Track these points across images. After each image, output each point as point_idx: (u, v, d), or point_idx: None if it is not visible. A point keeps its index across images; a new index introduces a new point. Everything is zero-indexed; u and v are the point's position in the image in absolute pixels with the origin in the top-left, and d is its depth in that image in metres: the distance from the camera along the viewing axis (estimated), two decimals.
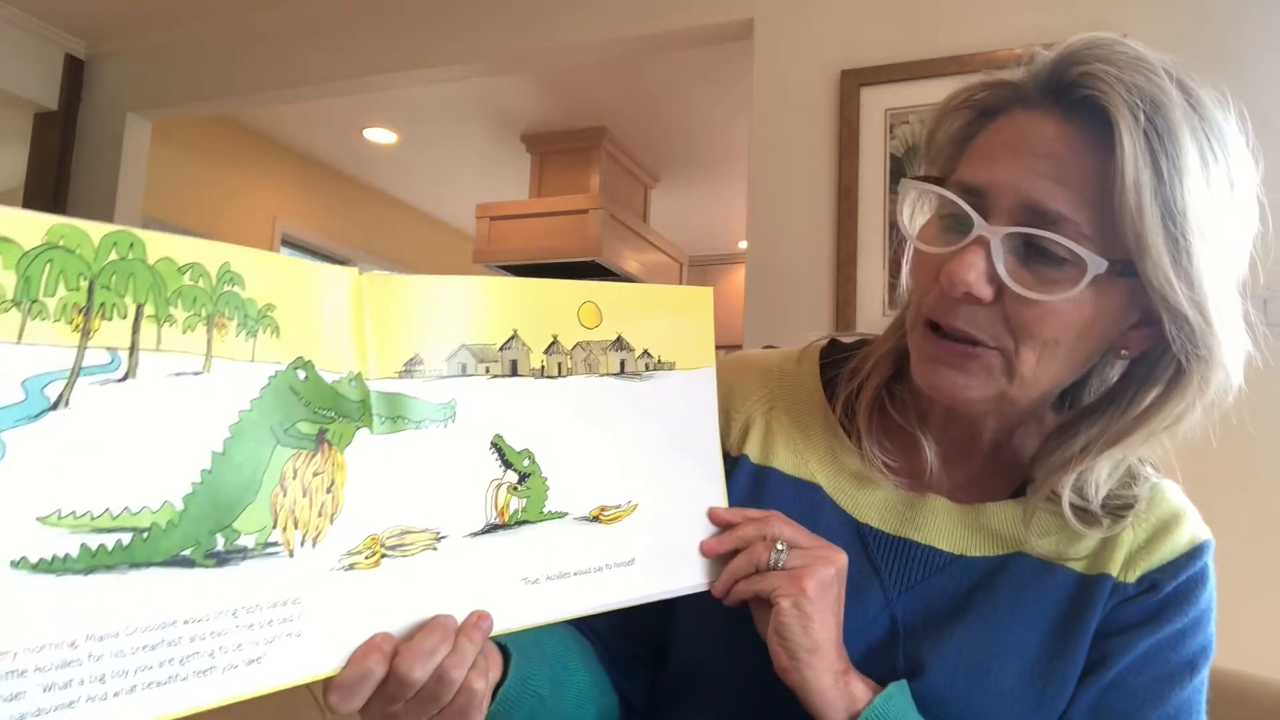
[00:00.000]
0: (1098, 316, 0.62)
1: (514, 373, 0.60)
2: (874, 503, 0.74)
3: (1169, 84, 0.59)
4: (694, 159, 4.75)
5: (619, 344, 0.65)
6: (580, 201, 4.27)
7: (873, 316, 2.39)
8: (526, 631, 0.66)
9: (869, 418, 0.74)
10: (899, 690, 0.65)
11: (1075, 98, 0.61)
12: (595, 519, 0.62)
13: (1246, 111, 0.64)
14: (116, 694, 0.43)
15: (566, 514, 0.61)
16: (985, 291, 0.61)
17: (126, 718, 0.43)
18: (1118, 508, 0.69)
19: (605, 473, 0.63)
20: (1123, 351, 0.67)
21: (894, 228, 2.46)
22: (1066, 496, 0.68)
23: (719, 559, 0.67)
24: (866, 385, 0.75)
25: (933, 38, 2.42)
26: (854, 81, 2.50)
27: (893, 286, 2.39)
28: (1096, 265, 0.59)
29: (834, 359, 0.81)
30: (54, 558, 0.41)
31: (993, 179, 0.62)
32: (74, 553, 0.41)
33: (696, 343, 0.69)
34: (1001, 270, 0.61)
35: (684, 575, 0.66)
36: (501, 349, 0.59)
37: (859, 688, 0.64)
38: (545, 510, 0.60)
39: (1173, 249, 0.57)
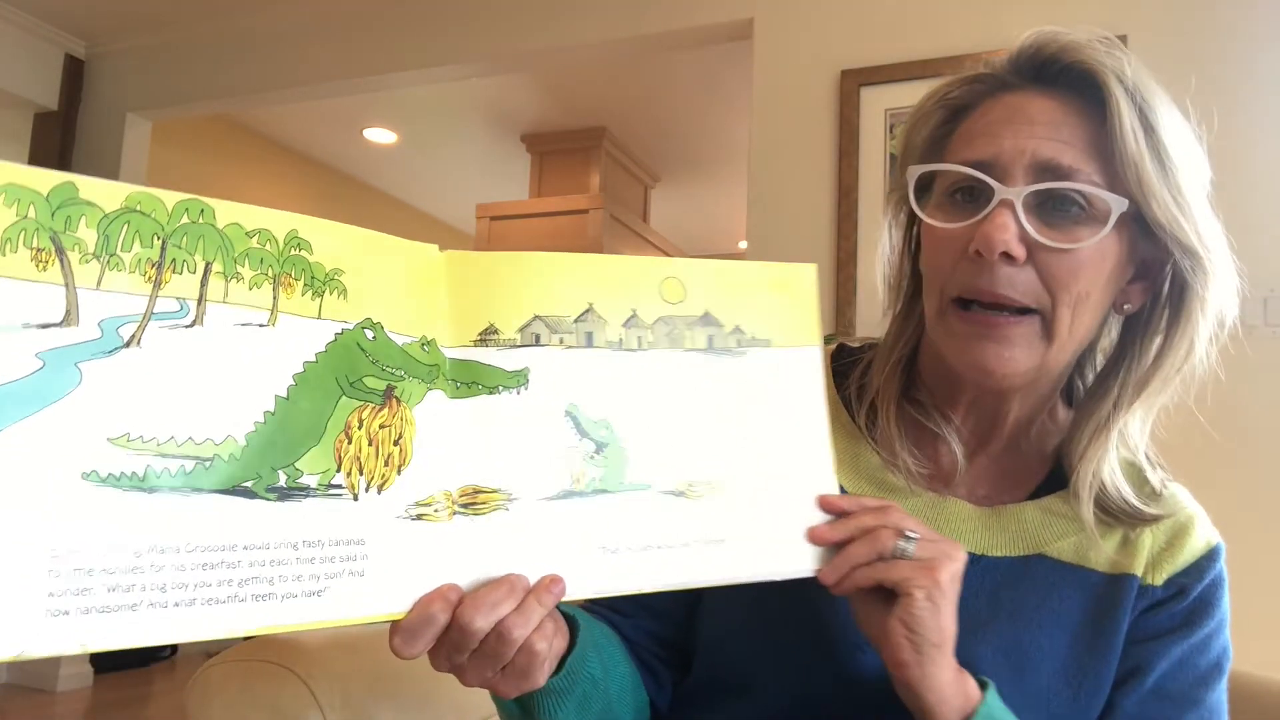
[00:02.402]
0: (1116, 265, 0.66)
1: (589, 344, 0.60)
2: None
3: (1121, 54, 0.65)
4: (694, 159, 4.75)
5: (706, 319, 0.64)
6: (580, 201, 4.27)
7: (873, 317, 2.39)
8: (583, 616, 0.66)
9: (897, 426, 0.74)
10: (993, 687, 0.64)
11: (1055, 70, 0.66)
12: (682, 494, 0.61)
13: (1245, 108, 0.70)
14: (177, 604, 0.46)
15: (650, 486, 0.60)
16: (1020, 250, 0.63)
17: (186, 628, 0.46)
18: (1155, 484, 0.72)
19: (693, 448, 0.62)
20: (1125, 307, 0.70)
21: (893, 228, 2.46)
22: (1110, 474, 0.70)
23: (827, 548, 0.63)
24: (885, 397, 0.75)
25: (933, 38, 2.42)
26: (854, 81, 2.50)
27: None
28: (1119, 205, 0.63)
29: (843, 363, 0.81)
30: (121, 474, 0.45)
31: (999, 149, 0.65)
32: (140, 472, 0.46)
33: (798, 320, 0.67)
34: (1029, 228, 0.63)
35: (785, 560, 0.63)
36: (576, 321, 0.60)
37: (971, 685, 0.62)
38: (626, 481, 0.60)
39: (1171, 190, 0.63)
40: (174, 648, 4.17)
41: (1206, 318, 0.67)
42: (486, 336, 0.58)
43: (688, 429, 0.62)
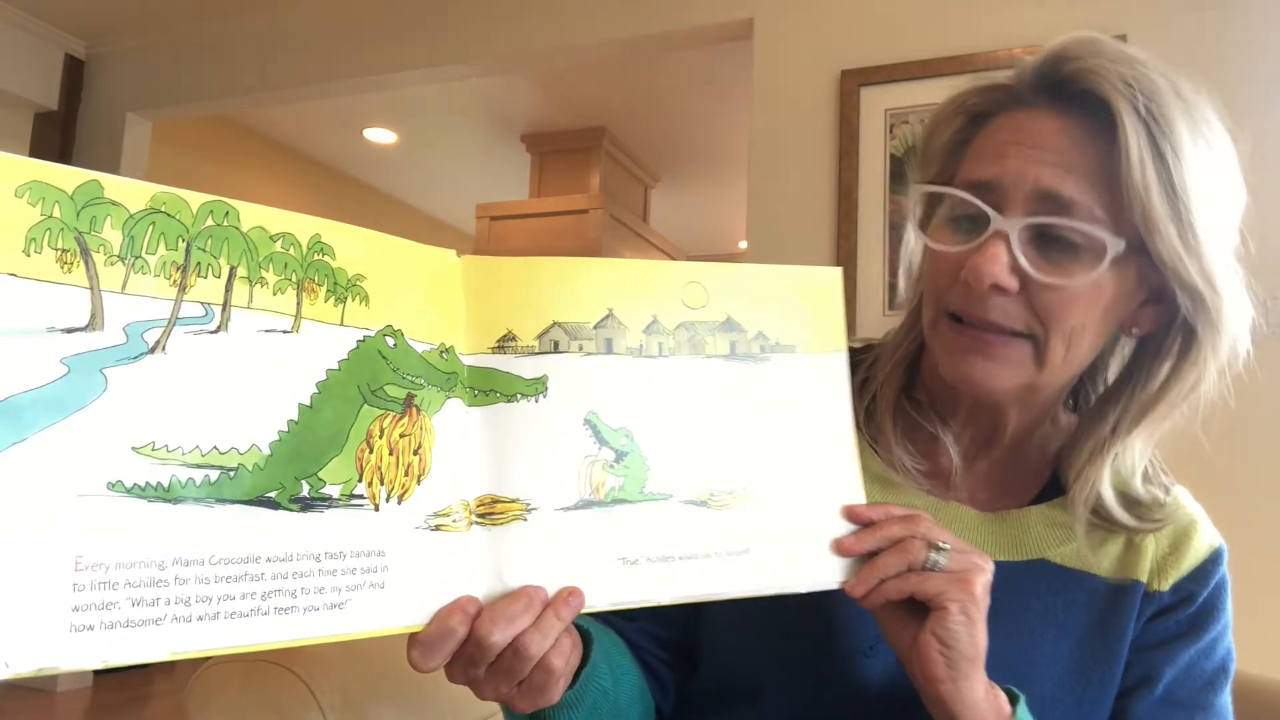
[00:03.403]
0: (1116, 297, 0.64)
1: (609, 351, 0.60)
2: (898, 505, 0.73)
3: (1156, 74, 0.62)
4: (694, 159, 4.75)
5: (729, 325, 0.63)
6: (580, 201, 4.27)
7: (873, 317, 2.39)
8: (595, 627, 0.65)
9: (893, 424, 0.74)
10: (1024, 700, 0.63)
11: (1071, 91, 0.63)
12: (704, 504, 0.60)
13: (1246, 108, 0.67)
14: (200, 618, 0.45)
15: (671, 496, 0.59)
16: (1011, 283, 0.62)
17: (209, 641, 0.46)
18: (1150, 504, 0.71)
19: (716, 456, 0.61)
20: (1133, 330, 0.69)
21: (895, 227, 2.47)
22: (1108, 493, 0.69)
23: (854, 559, 0.62)
24: (884, 393, 0.75)
25: (933, 38, 2.42)
26: (854, 81, 2.50)
27: (893, 286, 2.39)
28: (1115, 245, 0.61)
29: None
30: (146, 484, 0.45)
31: (1002, 172, 0.64)
32: (164, 482, 0.45)
33: (823, 326, 0.65)
34: (1023, 261, 0.62)
35: (810, 572, 0.61)
36: (595, 327, 0.59)
37: (1002, 697, 0.61)
38: (646, 490, 0.59)
39: (1179, 225, 0.60)
40: None
41: (1217, 355, 0.65)
42: (505, 343, 0.57)
43: (710, 437, 0.61)
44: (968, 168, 0.68)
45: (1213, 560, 0.71)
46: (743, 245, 5.86)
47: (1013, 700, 0.62)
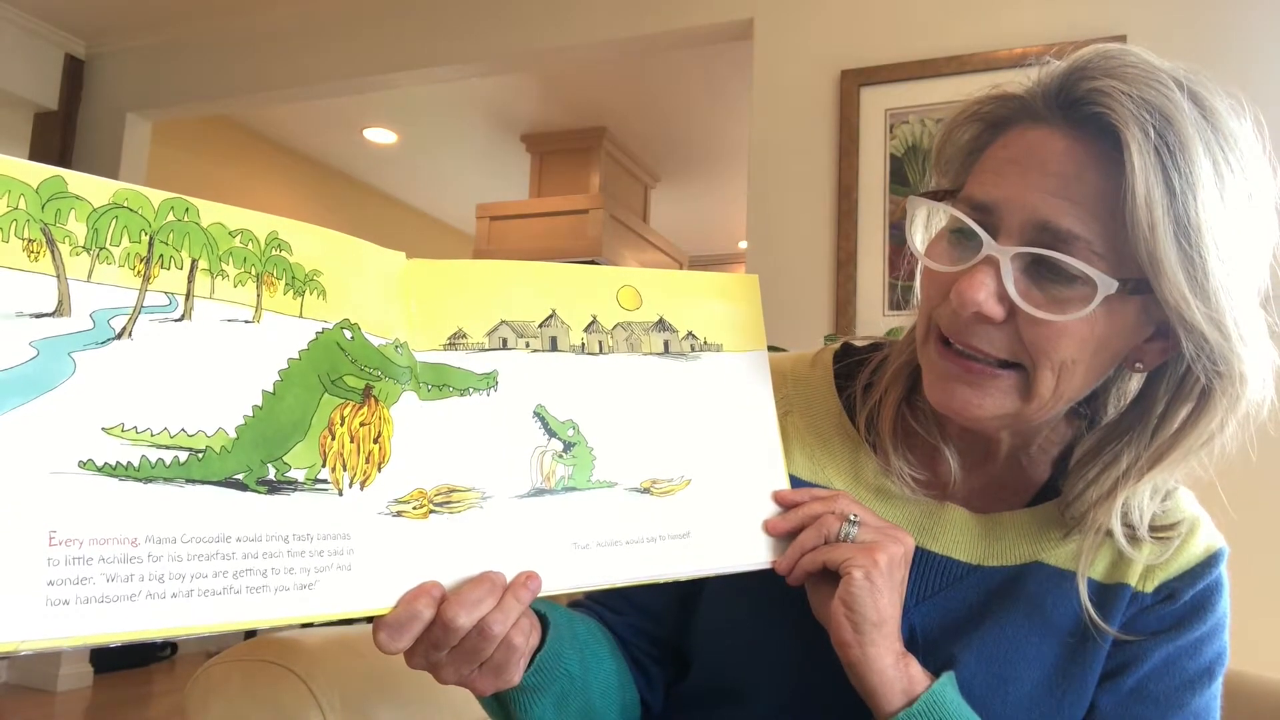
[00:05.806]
0: (1112, 333, 0.61)
1: (554, 348, 0.63)
2: (893, 513, 0.73)
3: (1180, 96, 0.58)
4: (694, 159, 4.75)
5: (661, 325, 0.68)
6: (580, 201, 4.28)
7: (873, 316, 2.39)
8: (561, 614, 0.68)
9: (893, 434, 0.73)
10: (951, 679, 0.64)
11: (1083, 113, 0.60)
12: (646, 491, 0.64)
13: (1263, 118, 0.63)
14: (174, 595, 0.46)
15: (616, 484, 0.63)
16: (996, 311, 0.60)
17: (183, 619, 0.47)
18: (1161, 528, 0.69)
19: (655, 447, 0.65)
20: (1137, 365, 0.66)
21: (894, 228, 2.47)
22: (1118, 528, 0.67)
23: (782, 539, 0.67)
24: (886, 401, 0.74)
25: (933, 38, 2.42)
26: (854, 81, 2.50)
27: (892, 286, 2.39)
28: (1107, 285, 0.58)
29: (847, 364, 0.80)
30: (117, 464, 0.46)
31: (1001, 196, 0.61)
32: (135, 462, 0.47)
33: (745, 327, 0.71)
34: (1011, 290, 0.60)
35: (744, 553, 0.66)
36: (541, 326, 0.63)
37: (917, 671, 0.64)
38: (593, 479, 0.63)
39: (1188, 265, 0.56)
40: (174, 647, 4.17)
41: (1235, 410, 0.62)
42: (455, 340, 0.60)
43: (649, 429, 0.65)
44: (973, 182, 0.65)
45: (1207, 562, 0.69)
46: (743, 245, 5.86)
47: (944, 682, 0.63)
